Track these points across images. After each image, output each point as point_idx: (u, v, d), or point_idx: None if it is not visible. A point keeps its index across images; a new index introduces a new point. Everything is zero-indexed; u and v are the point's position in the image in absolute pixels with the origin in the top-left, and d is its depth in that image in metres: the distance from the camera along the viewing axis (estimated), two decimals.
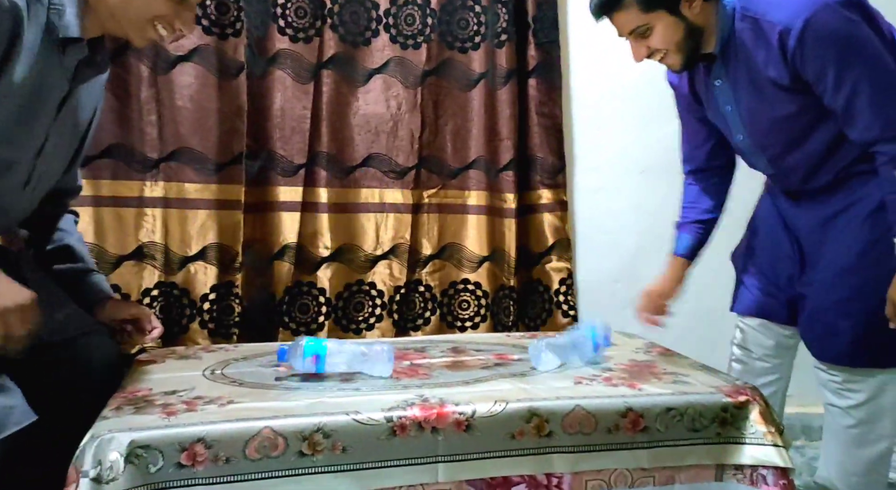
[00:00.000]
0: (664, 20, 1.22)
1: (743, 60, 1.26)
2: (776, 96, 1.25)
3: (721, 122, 1.38)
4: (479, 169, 1.92)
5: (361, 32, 1.85)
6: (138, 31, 1.09)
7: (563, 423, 1.05)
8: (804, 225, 1.38)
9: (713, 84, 1.33)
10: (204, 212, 1.75)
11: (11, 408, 1.00)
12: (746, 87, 1.28)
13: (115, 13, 1.07)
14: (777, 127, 1.29)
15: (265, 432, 0.95)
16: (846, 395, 1.32)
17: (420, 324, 1.92)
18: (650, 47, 1.26)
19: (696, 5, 1.22)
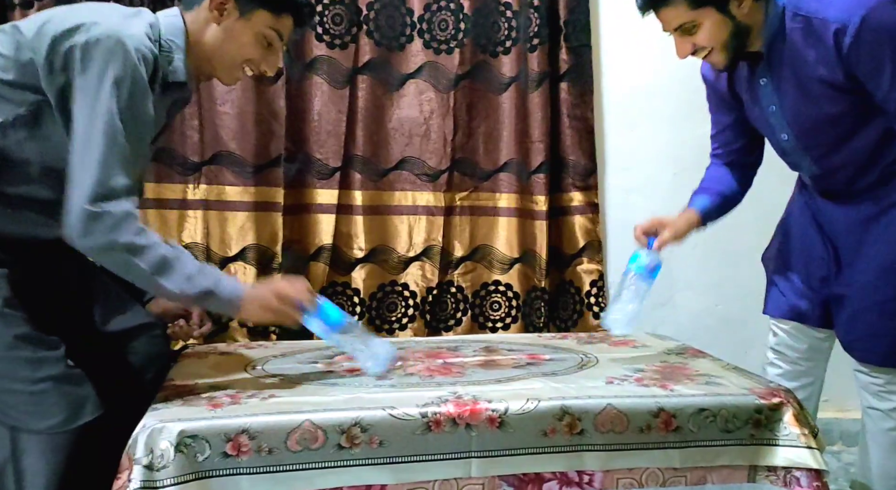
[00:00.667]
0: (712, 17, 1.21)
1: (790, 60, 1.24)
2: (825, 95, 1.23)
3: (763, 121, 1.36)
4: (510, 172, 1.94)
5: (396, 38, 1.89)
6: (229, 72, 1.20)
7: (595, 421, 1.06)
8: (842, 225, 1.36)
9: (758, 83, 1.31)
10: (243, 214, 1.81)
11: (86, 398, 1.08)
12: (793, 87, 1.26)
13: (210, 57, 1.17)
14: (824, 126, 1.27)
15: (306, 425, 0.99)
16: (888, 397, 1.31)
17: (452, 324, 1.95)
18: (695, 44, 1.24)
19: (746, 4, 1.20)
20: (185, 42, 1.15)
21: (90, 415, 1.08)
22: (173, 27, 1.15)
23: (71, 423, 1.06)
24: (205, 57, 1.18)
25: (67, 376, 1.08)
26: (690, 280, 2.08)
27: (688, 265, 2.07)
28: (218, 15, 1.15)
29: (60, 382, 1.07)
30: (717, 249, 2.07)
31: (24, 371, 1.05)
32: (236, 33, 1.16)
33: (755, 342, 1.91)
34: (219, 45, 1.16)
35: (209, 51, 1.17)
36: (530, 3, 1.89)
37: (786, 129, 1.32)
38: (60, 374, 1.07)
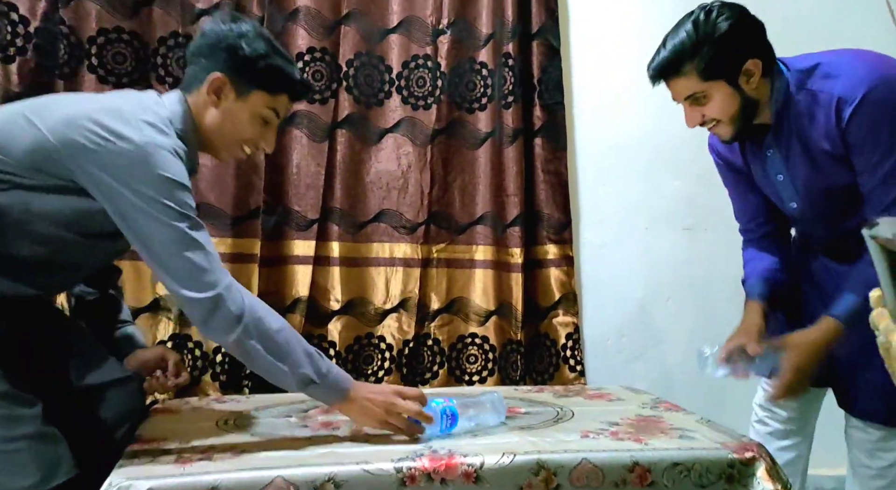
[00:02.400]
0: (722, 90, 1.22)
1: (797, 131, 1.25)
2: (832, 168, 1.24)
3: (771, 190, 1.36)
4: (486, 224, 1.97)
5: (375, 94, 1.94)
6: (229, 152, 1.23)
7: (570, 476, 1.06)
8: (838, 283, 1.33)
9: (765, 154, 1.32)
10: None
11: (61, 458, 1.05)
12: (801, 158, 1.26)
13: (210, 138, 1.20)
14: (834, 196, 1.27)
15: (277, 481, 0.97)
16: (879, 455, 1.30)
17: (428, 377, 1.94)
18: (705, 115, 1.26)
19: (755, 80, 1.22)
20: (192, 130, 1.18)
21: (64, 476, 1.04)
22: (181, 116, 1.16)
23: (45, 485, 1.02)
24: (206, 138, 1.20)
25: (42, 435, 1.04)
26: (665, 333, 2.10)
27: (663, 318, 2.10)
28: (216, 98, 1.17)
29: (36, 441, 1.03)
30: (691, 303, 2.10)
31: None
32: (234, 115, 1.18)
33: (730, 395, 1.92)
34: (218, 126, 1.18)
35: (209, 132, 1.19)
36: (505, 63, 1.96)
37: (795, 198, 1.32)
38: (35, 432, 1.04)
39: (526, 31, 1.99)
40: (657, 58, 1.24)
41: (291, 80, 1.20)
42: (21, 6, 1.67)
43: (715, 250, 2.09)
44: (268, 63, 1.16)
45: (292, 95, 1.23)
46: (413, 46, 1.95)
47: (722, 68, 1.21)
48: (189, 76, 1.20)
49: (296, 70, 1.22)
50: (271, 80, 1.18)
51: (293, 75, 1.21)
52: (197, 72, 1.18)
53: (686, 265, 2.11)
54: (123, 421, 1.22)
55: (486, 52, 1.97)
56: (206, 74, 1.16)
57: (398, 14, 1.94)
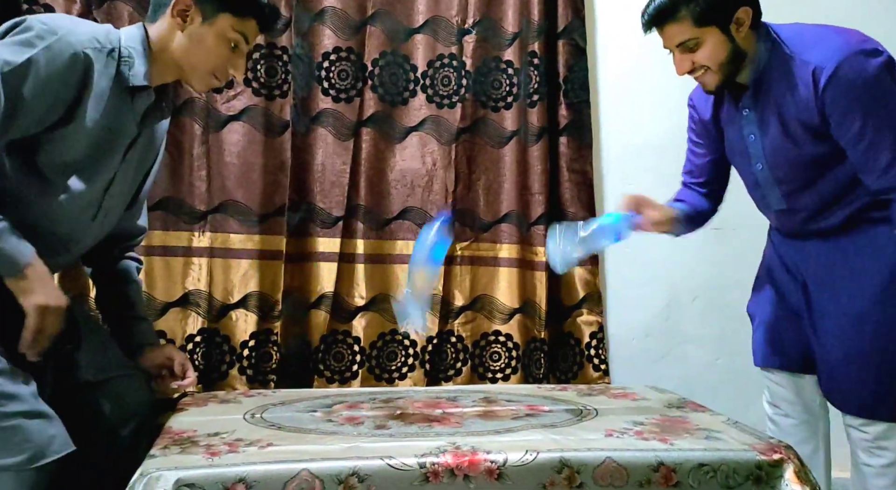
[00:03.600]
0: (714, 37, 1.26)
1: (774, 96, 1.29)
2: (803, 138, 1.27)
3: (741, 149, 1.39)
4: (510, 223, 1.97)
5: (400, 93, 1.95)
6: (200, 79, 1.23)
7: (594, 474, 1.06)
8: (812, 270, 1.37)
9: (741, 113, 1.35)
10: (246, 261, 1.83)
11: (53, 436, 1.06)
12: (774, 122, 1.30)
13: (179, 64, 1.20)
14: (798, 164, 1.31)
15: (303, 474, 0.98)
16: (878, 453, 1.29)
17: (451, 374, 1.94)
18: (695, 62, 1.29)
19: (744, 29, 1.26)
20: (145, 47, 1.17)
21: (57, 453, 1.05)
22: (133, 36, 1.17)
23: (36, 461, 1.03)
24: (174, 64, 1.20)
25: (36, 413, 1.05)
26: (691, 333, 2.08)
27: (688, 319, 2.08)
28: (181, 21, 1.18)
29: (29, 419, 1.04)
30: (717, 303, 2.08)
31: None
32: (201, 38, 1.18)
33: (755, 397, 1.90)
34: (185, 51, 1.19)
35: (177, 58, 1.19)
36: (530, 62, 1.96)
37: (762, 160, 1.35)
38: (30, 410, 1.05)
39: (552, 31, 1.98)
40: (652, 3, 1.28)
41: (257, 3, 1.20)
42: (57, 8, 1.71)
43: (742, 251, 2.06)
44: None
45: (261, 20, 1.22)
46: (438, 46, 1.95)
47: (715, 14, 1.24)
48: (154, 2, 1.21)
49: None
50: (237, 2, 1.18)
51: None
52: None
53: (713, 265, 2.08)
54: (131, 416, 1.23)
55: (512, 51, 1.97)
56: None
57: (423, 14, 1.94)
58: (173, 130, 1.77)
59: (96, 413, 1.21)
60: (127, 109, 1.18)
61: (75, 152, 1.12)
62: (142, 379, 1.32)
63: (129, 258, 1.43)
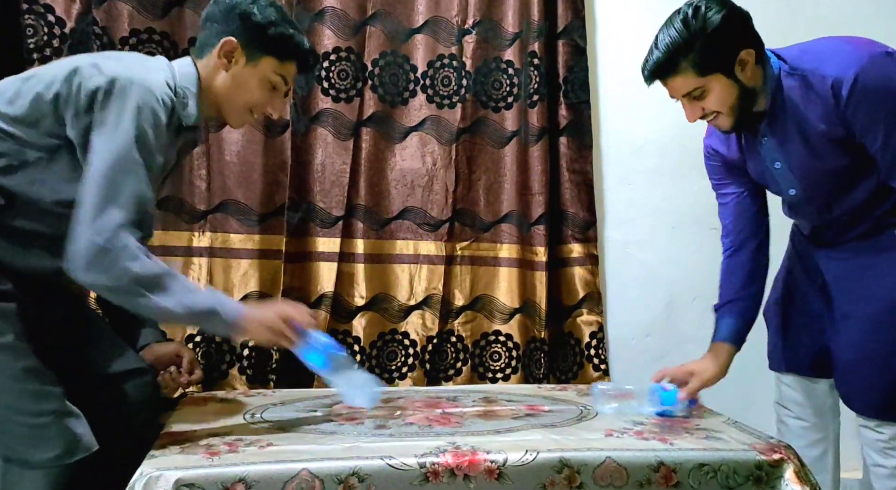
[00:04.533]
0: (720, 82, 1.23)
1: (791, 116, 1.27)
2: (828, 150, 1.26)
3: (769, 178, 1.37)
4: (511, 223, 1.97)
5: (400, 93, 1.95)
6: (238, 116, 1.28)
7: (594, 474, 1.06)
8: (835, 275, 1.37)
9: (760, 142, 1.33)
10: (246, 261, 1.83)
11: (82, 435, 1.09)
12: (797, 142, 1.28)
13: (220, 102, 1.25)
14: (829, 179, 1.30)
15: (303, 474, 0.98)
16: (892, 454, 1.29)
17: (451, 374, 1.94)
18: (705, 109, 1.27)
19: (749, 69, 1.23)
20: (197, 88, 1.22)
21: (85, 451, 1.08)
22: (187, 75, 1.21)
23: (66, 459, 1.07)
24: (215, 102, 1.24)
25: (67, 412, 1.09)
26: (691, 334, 2.07)
27: (688, 319, 2.08)
28: (227, 62, 1.22)
29: (61, 417, 1.08)
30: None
31: (28, 403, 1.07)
32: (244, 79, 1.22)
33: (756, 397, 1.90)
34: (228, 90, 1.23)
35: (219, 96, 1.24)
36: (531, 62, 1.96)
37: (794, 184, 1.33)
38: (61, 409, 1.08)
39: (552, 31, 1.98)
40: (651, 58, 1.25)
41: (300, 49, 1.25)
42: (57, 7, 1.71)
43: None
44: (278, 30, 1.21)
45: (300, 63, 1.27)
46: (438, 46, 1.95)
47: (717, 61, 1.22)
48: (201, 41, 1.25)
49: (304, 39, 1.26)
50: (281, 46, 1.23)
51: (302, 44, 1.25)
52: (209, 37, 1.23)
53: (713, 266, 2.07)
54: (140, 410, 1.24)
55: (512, 51, 1.97)
56: (218, 39, 1.21)
57: (423, 14, 1.94)
58: None
59: (105, 408, 1.21)
60: (173, 143, 1.23)
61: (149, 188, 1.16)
62: (150, 374, 1.32)
63: None
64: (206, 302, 1.11)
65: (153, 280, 1.06)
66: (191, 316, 1.11)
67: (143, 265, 1.05)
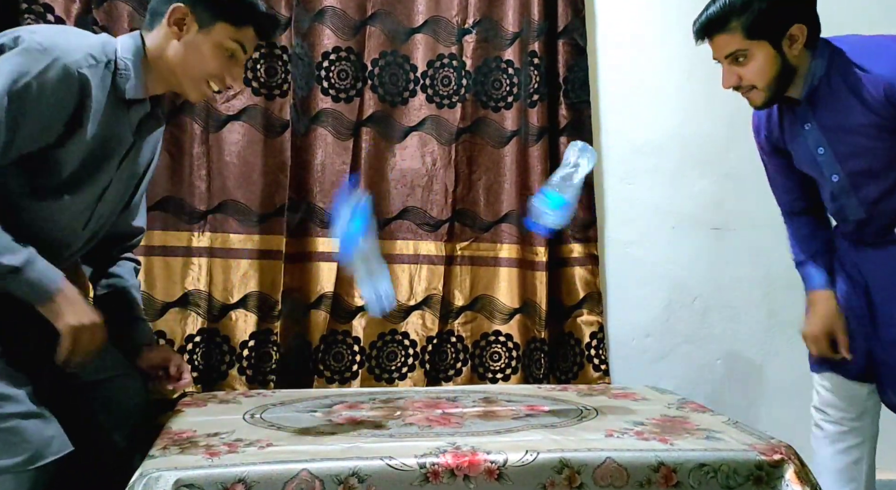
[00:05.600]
0: (764, 51, 1.23)
1: (836, 106, 1.26)
2: (877, 139, 1.25)
3: (812, 164, 1.36)
4: (511, 222, 1.97)
5: (399, 93, 1.94)
6: (194, 87, 1.21)
7: (594, 475, 1.06)
8: (879, 279, 1.36)
9: (802, 128, 1.33)
10: (246, 261, 1.83)
11: (51, 437, 1.06)
12: (843, 130, 1.28)
13: (174, 73, 1.18)
14: (878, 169, 1.29)
15: (303, 475, 0.98)
16: None
17: (452, 374, 1.94)
18: (741, 77, 1.26)
19: (797, 46, 1.23)
20: (141, 59, 1.16)
21: (54, 454, 1.05)
22: (128, 46, 1.16)
23: (35, 463, 1.03)
24: (169, 73, 1.18)
25: (34, 414, 1.05)
26: (690, 334, 2.08)
27: (688, 319, 2.08)
28: (178, 30, 1.16)
29: (26, 420, 1.04)
30: (717, 303, 2.08)
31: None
32: (197, 47, 1.16)
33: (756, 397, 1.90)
34: (181, 59, 1.17)
35: (172, 66, 1.17)
36: (531, 62, 1.96)
37: (836, 170, 1.32)
38: (27, 411, 1.05)
39: (552, 30, 1.98)
40: (705, 12, 1.26)
41: (255, 12, 1.18)
42: (57, 7, 1.70)
43: (743, 251, 2.06)
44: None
45: (258, 28, 1.20)
46: (438, 46, 1.95)
47: (768, 28, 1.22)
48: (151, 10, 1.19)
49: (259, 2, 1.20)
50: (234, 11, 1.17)
51: (256, 6, 1.19)
52: (158, 4, 1.17)
53: (713, 265, 2.08)
54: (129, 415, 1.23)
55: (513, 50, 1.97)
56: (167, 6, 1.15)
57: (423, 14, 1.94)
58: (173, 130, 1.77)
59: (93, 413, 1.21)
60: (123, 120, 1.17)
61: (73, 165, 1.12)
62: (139, 379, 1.31)
63: (127, 259, 1.43)
64: (11, 260, 1.02)
65: None
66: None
67: None
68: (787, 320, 1.94)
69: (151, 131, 1.27)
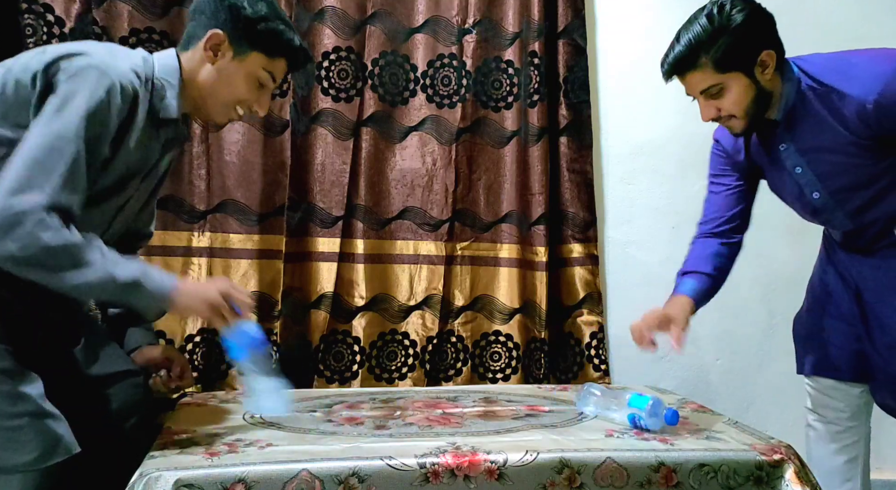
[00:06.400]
0: (738, 81, 1.23)
1: (811, 125, 1.26)
2: (857, 156, 1.24)
3: (790, 183, 1.35)
4: (511, 223, 1.97)
5: (400, 92, 1.94)
6: (222, 112, 1.23)
7: (594, 475, 1.06)
8: (871, 283, 1.36)
9: (777, 149, 1.32)
10: (246, 261, 1.83)
11: (60, 437, 1.05)
12: (822, 150, 1.27)
13: (204, 97, 1.20)
14: (860, 184, 1.28)
15: (303, 475, 0.98)
16: None
17: (452, 374, 1.94)
18: (720, 109, 1.26)
19: (769, 71, 1.23)
20: (178, 80, 1.17)
21: (64, 454, 1.04)
22: (167, 66, 1.17)
23: (44, 462, 1.03)
24: (199, 96, 1.20)
25: (44, 413, 1.05)
26: (690, 334, 2.07)
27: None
28: (213, 55, 1.17)
29: (37, 419, 1.04)
30: (717, 303, 2.06)
31: (2, 405, 1.02)
32: (230, 74, 1.18)
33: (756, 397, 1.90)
34: (212, 84, 1.18)
35: (203, 90, 1.19)
36: (531, 62, 1.96)
37: (817, 188, 1.32)
38: (37, 410, 1.04)
39: (552, 30, 1.98)
40: (672, 53, 1.25)
41: (290, 46, 1.20)
42: (56, 7, 1.71)
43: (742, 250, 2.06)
44: (268, 26, 1.17)
45: (291, 61, 1.22)
46: (439, 46, 1.95)
47: (738, 59, 1.22)
48: (188, 33, 1.20)
49: (296, 36, 1.21)
50: (270, 42, 1.18)
51: (292, 41, 1.20)
52: (196, 29, 1.19)
53: None
54: (130, 412, 1.23)
55: (513, 50, 1.97)
56: (205, 31, 1.17)
57: (423, 14, 1.94)
58: None
59: (94, 411, 1.20)
60: (154, 138, 1.19)
61: (109, 180, 1.13)
62: (140, 377, 1.31)
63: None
64: (129, 273, 1.04)
65: (66, 250, 0.99)
66: (112, 289, 1.03)
67: (56, 235, 0.97)
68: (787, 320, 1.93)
69: (176, 148, 1.29)
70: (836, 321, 1.42)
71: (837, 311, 1.42)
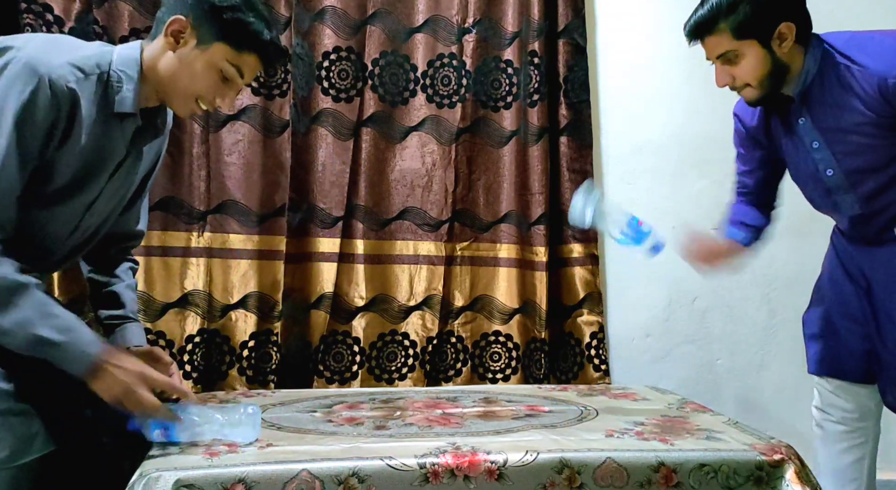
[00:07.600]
0: (754, 50, 1.24)
1: (831, 105, 1.27)
2: (876, 136, 1.25)
3: (806, 159, 1.36)
4: (510, 223, 1.97)
5: (400, 92, 1.94)
6: (181, 103, 1.17)
7: (594, 475, 1.06)
8: (878, 277, 1.35)
9: (796, 122, 1.33)
10: (246, 262, 1.83)
11: (34, 434, 1.04)
12: (840, 130, 1.28)
13: (162, 85, 1.15)
14: (876, 166, 1.28)
15: (303, 475, 0.98)
16: None
17: (451, 375, 1.94)
18: (734, 76, 1.28)
19: (787, 44, 1.24)
20: (137, 72, 1.12)
21: (38, 451, 1.03)
22: (126, 57, 1.12)
23: (18, 459, 1.01)
24: (158, 84, 1.14)
25: (16, 411, 1.03)
26: (691, 334, 2.08)
27: (688, 319, 2.08)
28: (174, 42, 1.11)
29: (8, 416, 1.02)
30: (717, 303, 2.08)
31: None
32: (190, 62, 1.11)
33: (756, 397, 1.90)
34: (171, 73, 1.12)
35: (161, 78, 1.13)
36: (531, 61, 1.96)
37: (832, 165, 1.32)
38: (8, 408, 1.03)
39: (552, 30, 1.98)
40: (694, 15, 1.28)
41: (258, 39, 1.12)
42: (56, 6, 1.70)
43: None
44: (235, 15, 1.10)
45: (262, 56, 1.15)
46: (438, 45, 1.95)
47: (755, 28, 1.23)
48: (156, 19, 1.15)
49: (266, 30, 1.13)
50: (236, 33, 1.11)
51: (261, 34, 1.12)
52: (163, 14, 1.14)
53: None
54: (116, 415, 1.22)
55: (512, 50, 1.97)
56: (169, 17, 1.11)
57: (423, 13, 1.94)
58: (173, 130, 1.75)
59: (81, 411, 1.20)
60: (116, 133, 1.14)
61: (64, 178, 1.10)
62: None
63: (126, 259, 1.42)
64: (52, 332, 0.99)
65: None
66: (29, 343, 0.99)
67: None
68: (787, 320, 1.94)
69: (147, 143, 1.23)
70: (846, 320, 1.42)
71: (846, 310, 1.42)
